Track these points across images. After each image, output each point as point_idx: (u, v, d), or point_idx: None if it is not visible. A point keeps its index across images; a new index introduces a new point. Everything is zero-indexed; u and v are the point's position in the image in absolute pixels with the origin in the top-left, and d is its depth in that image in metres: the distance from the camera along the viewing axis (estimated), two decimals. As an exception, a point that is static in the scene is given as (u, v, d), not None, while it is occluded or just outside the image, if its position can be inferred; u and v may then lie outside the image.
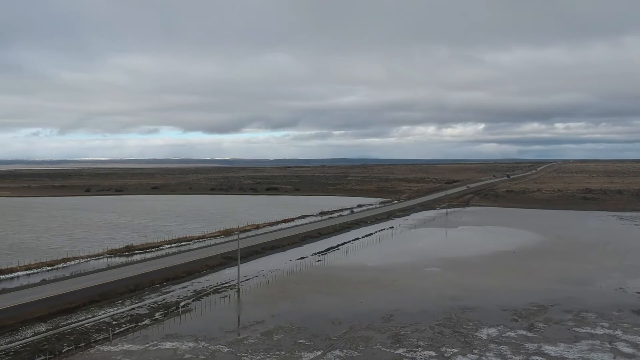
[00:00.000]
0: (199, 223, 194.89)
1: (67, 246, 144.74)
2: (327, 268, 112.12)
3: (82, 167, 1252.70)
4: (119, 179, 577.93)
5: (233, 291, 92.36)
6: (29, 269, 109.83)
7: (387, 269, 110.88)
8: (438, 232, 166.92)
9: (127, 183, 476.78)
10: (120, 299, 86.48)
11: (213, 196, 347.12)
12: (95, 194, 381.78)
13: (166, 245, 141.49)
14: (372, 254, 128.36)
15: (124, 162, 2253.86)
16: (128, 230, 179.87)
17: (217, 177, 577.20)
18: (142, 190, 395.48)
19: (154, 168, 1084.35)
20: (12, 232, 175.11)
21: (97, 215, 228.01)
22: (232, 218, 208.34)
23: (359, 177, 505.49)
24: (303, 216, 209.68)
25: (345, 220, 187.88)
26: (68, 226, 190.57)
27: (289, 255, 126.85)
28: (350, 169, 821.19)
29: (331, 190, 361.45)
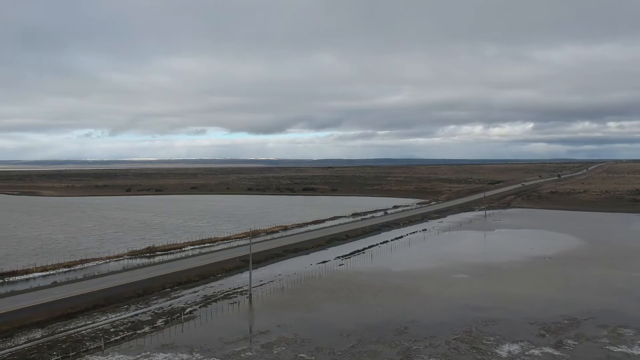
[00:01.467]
0: (232, 224, 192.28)
1: (95, 247, 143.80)
2: (347, 273, 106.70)
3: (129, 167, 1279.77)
4: (162, 178, 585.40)
5: (244, 297, 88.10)
6: (44, 271, 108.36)
7: (412, 275, 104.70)
8: (473, 236, 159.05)
9: (168, 183, 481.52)
10: (126, 304, 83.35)
11: (249, 196, 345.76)
12: (136, 193, 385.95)
13: (189, 247, 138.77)
14: (398, 259, 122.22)
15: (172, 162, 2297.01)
16: (160, 230, 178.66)
17: (257, 177, 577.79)
18: (180, 190, 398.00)
19: (197, 168, 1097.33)
20: (47, 232, 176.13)
21: (133, 215, 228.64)
22: (265, 219, 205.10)
23: (400, 178, 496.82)
24: (335, 217, 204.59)
25: (377, 222, 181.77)
26: (102, 226, 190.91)
27: (311, 259, 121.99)
28: (392, 169, 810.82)
29: (368, 191, 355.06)
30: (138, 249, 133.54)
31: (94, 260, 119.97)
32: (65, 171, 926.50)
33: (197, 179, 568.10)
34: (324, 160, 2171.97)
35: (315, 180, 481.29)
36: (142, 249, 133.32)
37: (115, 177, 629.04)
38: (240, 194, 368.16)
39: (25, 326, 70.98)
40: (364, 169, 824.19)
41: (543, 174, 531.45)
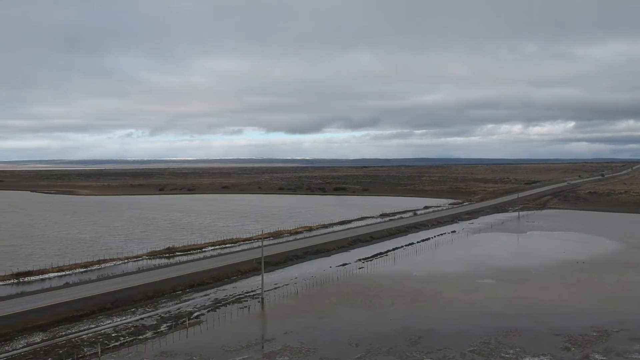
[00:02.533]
0: (259, 224, 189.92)
1: (120, 247, 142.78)
2: (367, 277, 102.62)
3: (167, 167, 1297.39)
4: (197, 178, 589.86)
5: (255, 301, 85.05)
6: (61, 271, 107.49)
7: (434, 279, 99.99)
8: (503, 238, 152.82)
9: (201, 182, 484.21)
10: (134, 307, 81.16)
11: (280, 196, 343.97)
12: (168, 192, 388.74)
13: (209, 247, 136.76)
14: (422, 262, 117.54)
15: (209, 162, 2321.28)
16: (187, 230, 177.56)
17: (290, 176, 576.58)
18: (212, 190, 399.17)
19: (232, 168, 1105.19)
20: (75, 232, 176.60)
21: (163, 215, 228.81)
22: (293, 219, 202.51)
23: (434, 178, 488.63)
24: (362, 218, 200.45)
25: (404, 223, 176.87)
26: (130, 226, 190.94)
27: (332, 261, 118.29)
28: (428, 168, 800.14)
29: (400, 191, 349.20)
30: (158, 250, 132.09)
31: (112, 260, 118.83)
32: (104, 170, 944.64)
33: (231, 178, 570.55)
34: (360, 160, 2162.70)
35: (348, 180, 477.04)
36: (161, 250, 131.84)
37: (151, 177, 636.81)
38: (271, 193, 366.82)
39: (27, 329, 69.29)
40: (399, 169, 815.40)
41: (583, 174, 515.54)
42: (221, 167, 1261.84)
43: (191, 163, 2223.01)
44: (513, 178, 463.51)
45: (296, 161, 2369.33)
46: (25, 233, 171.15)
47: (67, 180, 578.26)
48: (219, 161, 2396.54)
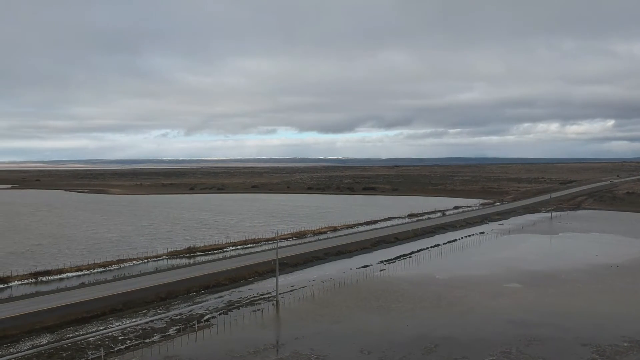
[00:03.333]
0: (285, 224, 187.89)
1: (145, 246, 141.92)
2: (387, 280, 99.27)
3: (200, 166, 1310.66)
4: (228, 177, 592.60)
5: (269, 304, 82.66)
6: (79, 270, 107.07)
7: (457, 283, 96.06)
8: (533, 240, 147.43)
9: (232, 182, 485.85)
10: (145, 309, 79.65)
11: (309, 195, 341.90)
12: (198, 192, 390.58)
13: (230, 247, 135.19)
14: (446, 264, 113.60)
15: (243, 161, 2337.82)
16: (213, 229, 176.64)
17: (320, 176, 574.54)
18: (242, 189, 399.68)
19: (264, 167, 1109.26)
20: (103, 231, 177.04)
21: (191, 214, 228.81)
22: (320, 219, 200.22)
23: (467, 177, 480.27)
24: (389, 218, 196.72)
25: (431, 224, 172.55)
26: (157, 225, 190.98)
27: (353, 263, 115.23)
28: (461, 168, 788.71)
29: (431, 191, 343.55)
30: (178, 250, 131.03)
31: (131, 260, 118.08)
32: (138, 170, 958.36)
33: (262, 177, 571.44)
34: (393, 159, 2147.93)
35: (378, 179, 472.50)
36: (182, 250, 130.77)
37: (183, 176, 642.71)
38: (300, 193, 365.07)
39: (34, 331, 68.22)
40: (432, 168, 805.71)
41: (622, 174, 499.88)
42: (253, 166, 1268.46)
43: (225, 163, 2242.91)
44: (548, 178, 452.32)
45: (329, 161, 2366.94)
46: (54, 232, 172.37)
47: (101, 179, 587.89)
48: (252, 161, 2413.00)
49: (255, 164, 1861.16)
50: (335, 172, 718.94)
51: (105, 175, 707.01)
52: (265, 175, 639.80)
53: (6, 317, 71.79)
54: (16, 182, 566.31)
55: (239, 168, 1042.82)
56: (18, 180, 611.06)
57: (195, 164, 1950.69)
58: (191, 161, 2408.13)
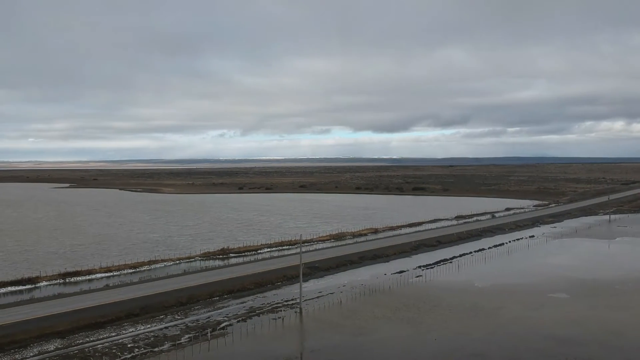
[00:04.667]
0: (330, 225, 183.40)
1: (186, 247, 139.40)
2: (422, 287, 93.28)
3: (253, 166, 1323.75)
4: (279, 177, 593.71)
5: (292, 311, 78.28)
6: (108, 271, 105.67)
7: (497, 292, 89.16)
8: (587, 245, 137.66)
9: (282, 181, 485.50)
10: (163, 314, 76.69)
11: (356, 195, 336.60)
12: (247, 191, 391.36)
13: (265, 249, 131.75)
14: (488, 271, 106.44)
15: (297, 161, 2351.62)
16: (255, 230, 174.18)
17: (371, 176, 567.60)
18: (290, 189, 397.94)
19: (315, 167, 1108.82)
20: (147, 231, 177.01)
21: (236, 214, 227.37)
22: (365, 219, 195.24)
23: (523, 177, 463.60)
24: (435, 220, 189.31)
25: (478, 227, 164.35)
26: (201, 225, 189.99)
27: (388, 268, 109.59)
28: (518, 167, 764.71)
29: (483, 191, 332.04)
30: (212, 251, 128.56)
31: (163, 261, 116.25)
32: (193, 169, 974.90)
33: (312, 177, 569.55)
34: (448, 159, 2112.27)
35: (430, 179, 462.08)
36: (215, 251, 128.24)
37: (235, 175, 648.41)
38: (348, 193, 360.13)
39: (44, 336, 66.07)
40: (488, 168, 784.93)
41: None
42: (306, 166, 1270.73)
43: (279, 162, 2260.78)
44: (609, 178, 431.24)
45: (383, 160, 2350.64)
46: (99, 232, 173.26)
47: (156, 178, 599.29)
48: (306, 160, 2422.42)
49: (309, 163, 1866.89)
50: (387, 171, 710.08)
51: (161, 174, 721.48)
52: (316, 174, 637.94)
53: (19, 321, 70.09)
54: (74, 181, 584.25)
55: (292, 168, 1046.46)
56: (77, 179, 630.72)
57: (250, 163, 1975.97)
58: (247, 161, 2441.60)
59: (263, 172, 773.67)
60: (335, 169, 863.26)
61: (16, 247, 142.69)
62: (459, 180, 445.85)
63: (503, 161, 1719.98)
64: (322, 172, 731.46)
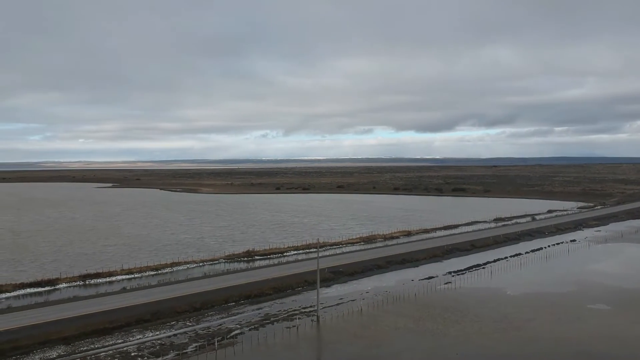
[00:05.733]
0: (364, 226, 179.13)
1: (215, 248, 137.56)
2: (450, 295, 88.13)
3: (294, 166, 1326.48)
4: (318, 177, 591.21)
5: (309, 319, 74.51)
6: (130, 273, 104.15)
7: (530, 301, 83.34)
8: (634, 251, 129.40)
9: (320, 181, 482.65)
10: (174, 320, 74.08)
11: (394, 196, 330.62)
12: (284, 192, 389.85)
13: (292, 251, 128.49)
14: (522, 278, 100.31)
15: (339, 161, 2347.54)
16: (288, 232, 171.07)
17: (411, 176, 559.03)
18: (327, 189, 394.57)
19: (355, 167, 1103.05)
20: (180, 232, 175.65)
21: (270, 215, 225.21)
22: (401, 221, 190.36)
23: (568, 178, 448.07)
24: (472, 222, 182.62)
25: (517, 230, 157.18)
26: (234, 226, 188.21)
27: (417, 273, 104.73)
28: (564, 168, 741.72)
29: (525, 192, 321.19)
30: (237, 253, 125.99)
31: (185, 263, 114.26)
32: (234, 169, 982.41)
33: (352, 177, 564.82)
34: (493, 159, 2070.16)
35: (471, 180, 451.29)
36: (240, 253, 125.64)
37: (275, 175, 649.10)
38: (386, 193, 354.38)
39: (49, 342, 64.17)
40: (533, 169, 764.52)
41: None
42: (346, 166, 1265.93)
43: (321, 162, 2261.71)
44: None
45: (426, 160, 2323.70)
46: (132, 233, 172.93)
47: (197, 178, 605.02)
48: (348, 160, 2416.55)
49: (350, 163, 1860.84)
50: (428, 172, 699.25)
51: (202, 174, 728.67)
52: (355, 175, 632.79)
53: (26, 325, 68.48)
54: (118, 181, 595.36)
55: (331, 168, 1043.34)
56: (120, 179, 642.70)
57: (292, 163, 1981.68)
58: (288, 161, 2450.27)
59: (302, 172, 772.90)
60: (375, 169, 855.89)
61: (48, 247, 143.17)
62: (501, 180, 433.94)
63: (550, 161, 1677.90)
64: (361, 172, 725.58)
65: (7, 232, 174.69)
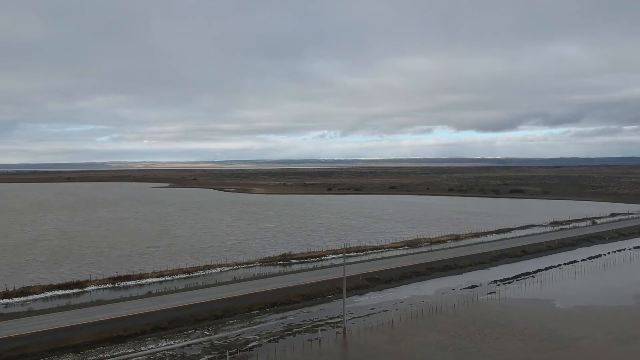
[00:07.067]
0: (415, 230, 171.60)
1: (257, 251, 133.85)
2: (493, 306, 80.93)
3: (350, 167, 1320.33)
4: (371, 177, 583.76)
5: (334, 331, 69.25)
6: (160, 276, 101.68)
7: (582, 316, 75.24)
8: None
9: (373, 182, 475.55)
10: (192, 328, 70.36)
11: (449, 197, 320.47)
12: (335, 192, 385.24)
13: (330, 255, 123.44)
14: (576, 288, 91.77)
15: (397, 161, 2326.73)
16: (334, 234, 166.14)
17: (468, 177, 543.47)
18: (379, 190, 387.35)
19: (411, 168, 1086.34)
20: (224, 234, 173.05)
21: (319, 216, 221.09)
22: (453, 224, 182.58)
23: (637, 179, 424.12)
24: (527, 226, 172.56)
25: (574, 235, 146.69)
26: (280, 228, 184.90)
27: (459, 281, 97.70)
28: (632, 169, 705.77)
29: (588, 194, 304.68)
30: (273, 256, 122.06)
31: (219, 266, 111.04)
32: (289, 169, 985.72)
33: (407, 178, 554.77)
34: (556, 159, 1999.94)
35: (532, 181, 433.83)
36: (276, 256, 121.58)
37: (329, 176, 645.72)
38: (440, 194, 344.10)
39: (59, 349, 61.54)
40: (598, 169, 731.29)
41: None
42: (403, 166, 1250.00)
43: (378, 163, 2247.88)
44: None
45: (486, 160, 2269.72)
46: (178, 234, 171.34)
47: (251, 179, 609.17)
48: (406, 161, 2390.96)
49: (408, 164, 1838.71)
50: (486, 172, 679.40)
51: (257, 174, 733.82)
52: (411, 175, 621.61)
53: (39, 331, 66.23)
54: (175, 181, 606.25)
55: (387, 168, 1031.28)
56: (178, 179, 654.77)
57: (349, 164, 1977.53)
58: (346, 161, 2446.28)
59: (357, 172, 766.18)
60: (432, 170, 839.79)
61: (90, 249, 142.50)
62: (563, 182, 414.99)
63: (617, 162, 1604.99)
64: (417, 172, 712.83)
65: (56, 232, 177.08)
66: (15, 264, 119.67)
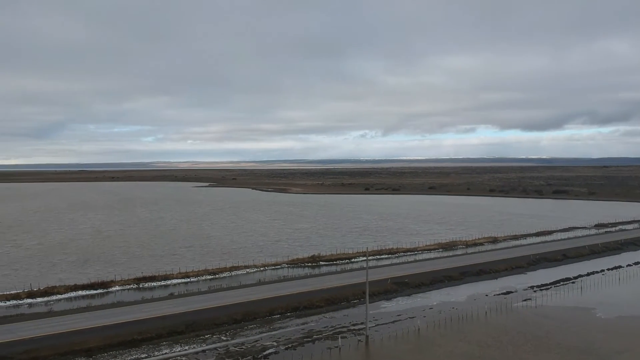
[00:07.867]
0: (454, 232, 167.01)
1: (287, 253, 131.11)
2: (528, 315, 76.17)
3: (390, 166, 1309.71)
4: (411, 177, 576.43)
5: (356, 339, 65.94)
6: (186, 277, 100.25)
7: (625, 327, 69.88)
8: None
9: (412, 182, 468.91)
10: (210, 333, 68.11)
11: (489, 198, 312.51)
12: (373, 192, 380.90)
13: (360, 257, 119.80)
14: (620, 296, 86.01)
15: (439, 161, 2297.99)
16: (369, 236, 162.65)
17: (511, 177, 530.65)
18: (418, 190, 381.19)
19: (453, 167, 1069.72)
20: (258, 235, 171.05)
21: (355, 217, 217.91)
22: (493, 226, 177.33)
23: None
24: (569, 228, 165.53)
25: (620, 238, 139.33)
26: (314, 229, 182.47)
27: (493, 287, 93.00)
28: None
29: (637, 196, 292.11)
30: (301, 257, 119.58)
31: (246, 267, 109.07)
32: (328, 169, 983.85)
33: (448, 178, 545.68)
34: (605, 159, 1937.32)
35: (577, 181, 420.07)
36: (305, 258, 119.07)
37: (368, 176, 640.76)
38: (480, 195, 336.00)
39: (71, 353, 60.12)
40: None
41: None
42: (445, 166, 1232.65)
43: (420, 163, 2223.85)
44: None
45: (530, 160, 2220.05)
46: (212, 234, 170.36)
47: (290, 178, 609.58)
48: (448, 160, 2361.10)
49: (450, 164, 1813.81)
50: (530, 172, 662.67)
51: (295, 174, 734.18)
52: (452, 175, 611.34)
53: (54, 334, 65.02)
54: (216, 181, 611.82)
55: (428, 168, 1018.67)
56: (218, 179, 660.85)
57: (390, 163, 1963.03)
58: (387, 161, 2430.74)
59: (397, 172, 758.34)
60: (474, 170, 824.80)
61: (122, 248, 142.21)
62: (610, 182, 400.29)
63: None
64: (459, 172, 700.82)
65: (92, 231, 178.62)
66: (46, 264, 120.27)
